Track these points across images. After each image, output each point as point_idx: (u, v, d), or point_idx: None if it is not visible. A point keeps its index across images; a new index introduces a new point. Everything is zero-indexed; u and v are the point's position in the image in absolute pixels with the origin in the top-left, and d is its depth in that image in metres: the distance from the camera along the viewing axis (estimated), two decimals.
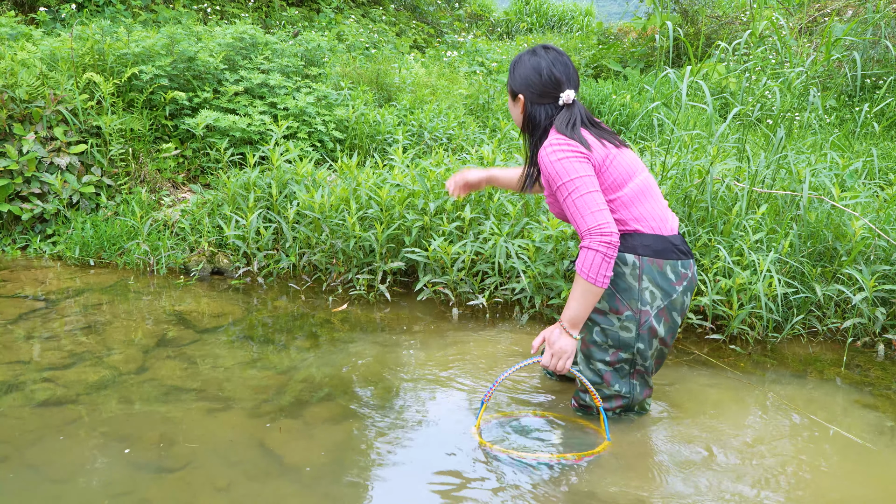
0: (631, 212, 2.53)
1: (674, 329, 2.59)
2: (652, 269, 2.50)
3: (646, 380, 2.65)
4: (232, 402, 2.86)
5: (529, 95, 2.61)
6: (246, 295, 4.17)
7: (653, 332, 2.54)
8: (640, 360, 2.59)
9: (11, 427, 2.64)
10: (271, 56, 6.18)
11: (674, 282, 2.53)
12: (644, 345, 2.55)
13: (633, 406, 2.69)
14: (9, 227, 4.94)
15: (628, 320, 2.52)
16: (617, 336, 2.55)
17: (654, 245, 2.51)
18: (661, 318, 2.54)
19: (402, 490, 2.34)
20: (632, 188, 2.54)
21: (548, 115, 2.61)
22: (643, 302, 2.51)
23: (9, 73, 5.08)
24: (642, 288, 2.51)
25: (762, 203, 3.90)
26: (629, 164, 2.59)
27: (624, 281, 2.51)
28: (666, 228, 2.57)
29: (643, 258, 2.50)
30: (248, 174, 4.62)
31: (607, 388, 2.63)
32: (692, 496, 2.31)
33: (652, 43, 9.40)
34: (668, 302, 2.53)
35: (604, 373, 2.62)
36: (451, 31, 12.13)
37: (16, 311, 3.79)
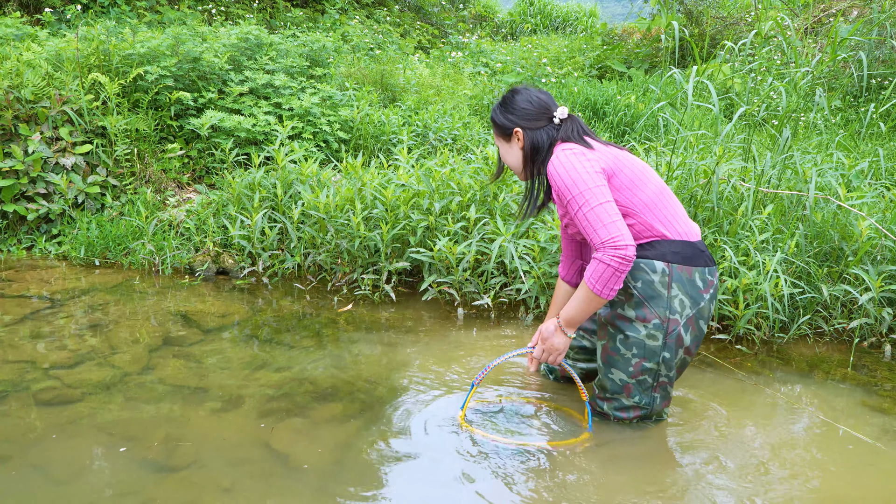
0: (655, 215, 2.48)
1: (699, 338, 2.54)
2: (682, 277, 2.44)
3: (667, 391, 2.59)
4: (237, 402, 2.86)
5: (527, 124, 2.59)
6: (251, 295, 4.17)
7: (679, 342, 2.48)
8: (665, 371, 2.52)
9: (16, 426, 2.64)
10: (276, 56, 6.18)
11: (702, 289, 2.48)
12: (670, 354, 2.49)
13: (650, 416, 2.64)
14: (14, 227, 4.95)
15: (656, 329, 2.46)
16: (643, 345, 2.48)
17: (683, 251, 2.46)
18: (689, 327, 2.48)
19: (406, 489, 2.34)
20: (652, 190, 2.50)
21: (550, 136, 2.59)
22: (672, 311, 2.45)
23: (14, 73, 5.09)
24: (672, 296, 2.44)
25: (768, 203, 3.89)
26: (640, 165, 2.58)
27: (653, 289, 2.44)
28: (692, 234, 2.53)
29: (673, 265, 2.44)
30: (253, 174, 4.63)
31: (627, 399, 2.58)
32: (695, 494, 2.30)
33: (656, 44, 9.38)
34: (696, 310, 2.47)
35: (625, 384, 2.56)
36: (455, 31, 12.13)
37: (21, 311, 3.80)
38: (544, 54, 9.80)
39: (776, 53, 6.96)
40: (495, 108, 2.67)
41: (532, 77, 8.50)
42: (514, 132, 2.62)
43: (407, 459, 2.49)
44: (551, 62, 9.40)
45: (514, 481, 2.36)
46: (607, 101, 7.15)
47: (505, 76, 8.50)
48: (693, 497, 2.30)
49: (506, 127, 2.63)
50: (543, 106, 2.60)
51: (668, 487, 2.36)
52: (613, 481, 2.38)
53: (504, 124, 2.63)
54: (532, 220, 3.93)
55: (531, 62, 9.24)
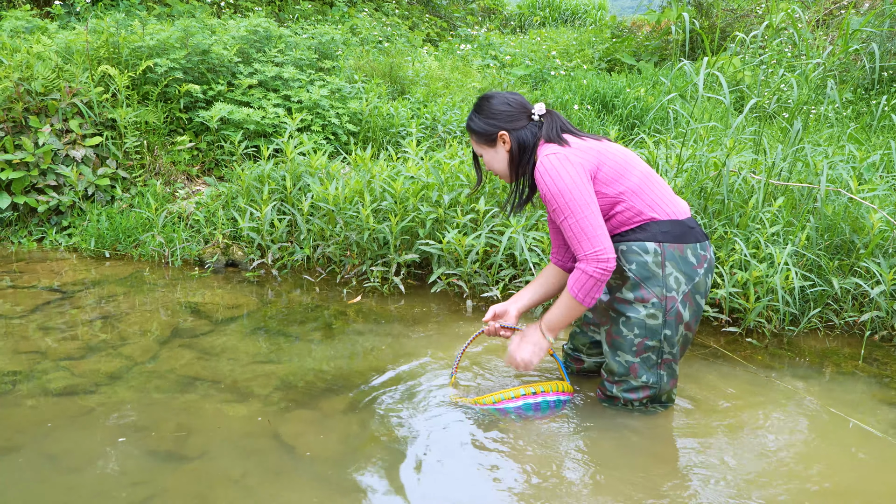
0: (643, 199, 2.52)
1: (698, 313, 2.59)
2: (674, 255, 2.50)
3: (673, 369, 2.64)
4: (246, 393, 2.86)
5: (510, 126, 2.60)
6: (260, 287, 4.18)
7: (679, 318, 2.54)
8: (668, 348, 2.58)
9: (27, 417, 2.66)
10: (285, 49, 6.18)
11: (695, 265, 2.53)
12: (671, 331, 2.54)
13: (659, 396, 2.68)
14: (25, 219, 4.97)
15: (655, 307, 2.52)
16: (643, 324, 2.54)
17: (672, 230, 2.52)
18: (686, 303, 2.54)
19: (414, 481, 2.34)
20: (637, 176, 2.55)
21: (534, 133, 2.60)
22: (668, 288, 2.51)
23: (25, 66, 5.10)
24: (666, 274, 2.50)
25: (779, 196, 3.87)
26: (622, 153, 2.60)
27: (647, 269, 2.50)
28: (680, 212, 2.57)
29: (664, 245, 2.50)
30: (263, 167, 4.63)
31: (634, 380, 2.63)
32: (702, 486, 2.29)
33: (666, 36, 9.35)
34: (691, 286, 2.53)
35: (630, 364, 2.61)
36: (464, 24, 12.10)
37: (32, 303, 3.81)
38: (553, 47, 9.77)
39: (787, 46, 6.92)
40: (472, 118, 2.66)
41: (541, 70, 8.47)
42: (498, 136, 2.62)
43: (415, 451, 2.49)
44: (560, 55, 9.36)
45: (526, 478, 2.36)
46: (617, 94, 7.12)
47: (514, 69, 8.48)
48: (700, 488, 2.29)
49: (489, 132, 2.62)
50: (521, 105, 2.62)
51: (674, 478, 2.36)
52: (619, 470, 2.37)
53: (487, 130, 2.62)
54: (541, 212, 3.92)
55: (540, 55, 9.21)
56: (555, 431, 2.62)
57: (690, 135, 4.35)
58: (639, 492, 2.27)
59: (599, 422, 2.68)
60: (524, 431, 2.62)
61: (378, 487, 2.28)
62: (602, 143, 2.61)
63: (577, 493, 2.26)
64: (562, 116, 2.64)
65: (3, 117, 4.94)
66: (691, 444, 2.57)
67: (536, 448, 2.51)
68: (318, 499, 2.21)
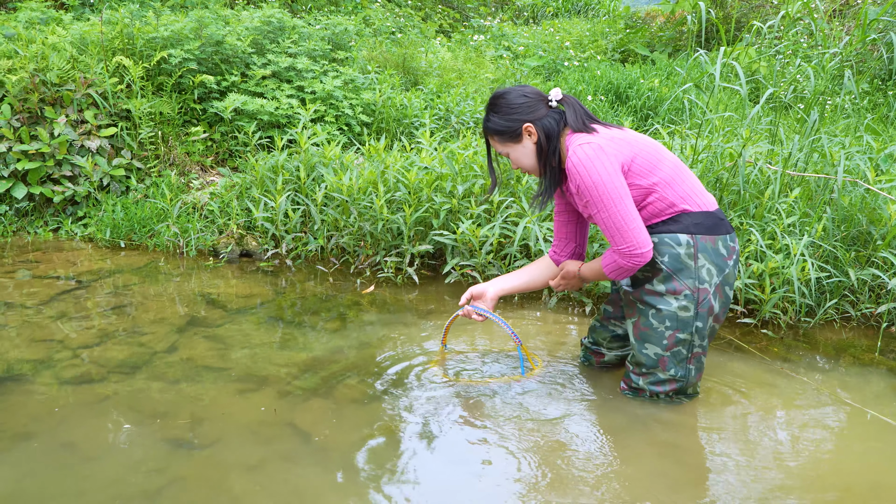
0: (675, 191, 2.50)
1: (727, 304, 2.59)
2: (706, 247, 2.49)
3: (702, 362, 2.63)
4: (261, 382, 2.88)
5: (532, 116, 2.55)
6: (274, 277, 4.19)
7: (710, 310, 2.53)
8: (698, 341, 2.56)
9: (44, 405, 2.68)
10: (298, 40, 6.18)
11: (725, 256, 2.53)
12: (702, 323, 2.53)
13: (686, 389, 2.67)
14: (41, 209, 5.00)
15: (687, 300, 2.50)
16: (675, 317, 2.52)
17: (704, 222, 2.50)
18: (717, 295, 2.53)
19: (428, 470, 2.34)
20: (669, 167, 2.52)
21: (556, 120, 2.55)
22: (701, 280, 2.49)
23: (40, 56, 5.12)
24: (699, 266, 2.49)
25: (795, 187, 3.85)
26: (652, 144, 2.57)
27: (680, 261, 2.49)
28: (710, 204, 2.56)
29: (697, 237, 2.48)
30: (277, 157, 4.64)
31: (662, 373, 2.62)
32: (718, 478, 2.29)
33: (680, 27, 9.28)
34: (722, 277, 2.52)
35: (660, 357, 2.59)
36: (476, 15, 12.06)
37: (49, 292, 3.84)
38: (566, 38, 9.72)
39: (803, 36, 6.86)
40: (490, 119, 2.60)
41: (554, 61, 8.44)
42: (523, 129, 2.57)
43: (428, 440, 2.50)
44: (573, 46, 9.32)
45: (545, 468, 2.36)
46: (630, 85, 7.09)
47: (527, 60, 8.45)
48: (716, 481, 2.29)
49: (512, 128, 2.57)
50: (536, 94, 2.58)
51: (689, 470, 2.35)
52: (634, 461, 2.37)
53: (510, 126, 2.57)
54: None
55: (553, 46, 9.17)
56: (577, 422, 2.62)
57: (706, 125, 4.32)
58: (657, 481, 2.26)
59: (619, 412, 2.67)
60: (543, 422, 2.62)
61: (392, 475, 2.29)
62: (630, 134, 2.57)
63: (598, 485, 2.26)
64: (579, 101, 2.60)
65: (20, 108, 4.97)
66: (703, 434, 2.56)
67: (555, 438, 2.51)
68: (333, 486, 2.22)
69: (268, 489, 2.20)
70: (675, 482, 2.27)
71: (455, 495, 2.20)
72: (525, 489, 2.22)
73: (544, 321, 3.59)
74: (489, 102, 2.62)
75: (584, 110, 2.58)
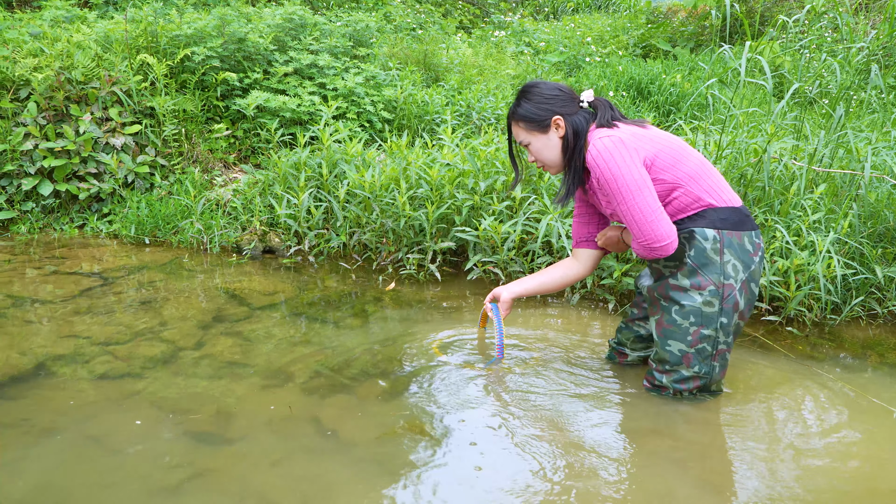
0: (701, 185, 2.49)
1: (752, 301, 2.56)
2: (732, 242, 2.47)
3: (726, 359, 2.60)
4: (285, 378, 2.89)
5: (564, 110, 2.56)
6: (297, 273, 4.21)
7: (735, 306, 2.51)
8: (723, 337, 2.54)
9: (72, 399, 2.71)
10: (320, 37, 6.20)
11: (751, 252, 2.51)
12: (727, 319, 2.51)
13: (709, 386, 2.65)
14: (67, 206, 5.06)
15: (712, 295, 2.49)
16: (700, 312, 2.51)
17: (731, 217, 2.48)
18: (743, 292, 2.51)
19: (452, 464, 2.34)
20: (694, 162, 2.51)
21: (586, 119, 2.56)
22: (726, 276, 2.48)
23: (65, 55, 5.18)
24: (724, 262, 2.48)
25: (820, 183, 3.81)
26: (676, 140, 2.57)
27: (705, 256, 2.48)
28: (736, 200, 2.54)
29: (723, 232, 2.47)
30: (299, 154, 4.66)
31: (686, 370, 2.60)
32: (740, 476, 2.27)
33: (703, 22, 9.21)
34: (748, 273, 2.50)
35: (684, 353, 2.58)
36: (496, 11, 12.04)
37: (75, 288, 3.88)
38: (588, 33, 9.68)
39: (827, 30, 6.79)
40: (520, 104, 2.60)
41: (575, 56, 8.40)
42: (552, 121, 2.56)
43: (451, 435, 2.50)
44: (595, 41, 9.28)
45: (568, 465, 2.36)
46: (652, 81, 7.05)
47: (548, 55, 8.42)
48: (739, 480, 2.27)
49: (542, 118, 2.57)
50: (569, 91, 2.59)
51: (713, 468, 2.34)
52: (656, 458, 2.36)
53: (540, 115, 2.57)
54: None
55: (574, 41, 9.14)
56: (604, 418, 2.61)
57: (730, 121, 4.29)
58: (680, 479, 2.25)
59: (642, 408, 2.66)
60: (566, 418, 2.61)
61: (415, 470, 2.29)
62: (651, 130, 2.57)
63: (621, 483, 2.25)
64: (612, 104, 2.59)
65: (46, 106, 5.02)
66: (726, 433, 2.54)
67: (579, 434, 2.50)
68: (358, 481, 2.23)
69: (292, 483, 2.21)
70: (698, 480, 2.26)
71: (477, 490, 2.20)
72: (545, 486, 2.22)
73: (566, 318, 3.59)
74: (521, 90, 2.61)
75: (613, 112, 2.58)
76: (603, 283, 3.75)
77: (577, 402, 2.72)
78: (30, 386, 2.80)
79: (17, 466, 2.28)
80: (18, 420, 2.55)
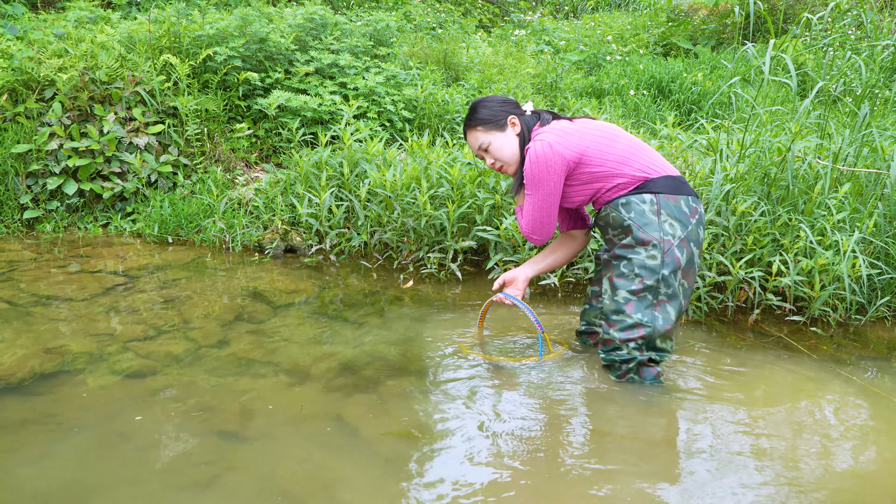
0: (633, 165, 2.76)
1: (692, 261, 2.76)
2: (668, 204, 2.72)
3: (668, 312, 2.75)
4: (307, 377, 2.91)
5: (517, 111, 2.90)
6: (319, 272, 4.23)
7: (677, 262, 2.71)
8: (664, 288, 2.72)
9: (98, 396, 2.74)
10: (340, 36, 6.22)
11: (688, 214, 2.74)
12: (668, 271, 2.71)
13: (654, 338, 2.76)
14: (91, 205, 5.11)
15: (654, 248, 2.70)
16: (644, 264, 2.72)
17: (667, 184, 2.75)
18: (683, 249, 2.72)
19: (473, 462, 2.35)
20: (622, 146, 2.78)
21: (532, 122, 2.89)
22: (665, 232, 2.70)
23: (90, 55, 5.23)
24: (662, 221, 2.71)
25: (845, 182, 3.77)
26: (605, 128, 2.84)
27: (645, 216, 2.71)
28: (671, 170, 2.80)
29: (659, 195, 2.73)
30: (320, 153, 4.68)
31: (629, 318, 2.75)
32: (764, 475, 2.26)
33: (725, 20, 9.15)
34: (686, 233, 2.73)
35: (626, 302, 2.75)
36: (516, 10, 12.02)
37: (99, 286, 3.92)
38: (608, 32, 9.65)
39: (851, 28, 6.72)
40: (477, 112, 2.89)
41: (596, 55, 8.38)
42: (508, 120, 2.87)
43: (471, 433, 2.50)
44: (615, 40, 9.24)
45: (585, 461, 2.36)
46: (673, 79, 7.02)
47: (568, 54, 8.40)
48: (764, 478, 2.26)
49: (499, 118, 2.87)
50: (514, 101, 2.93)
51: (730, 469, 2.32)
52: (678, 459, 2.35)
53: (497, 115, 2.87)
54: None
55: (594, 40, 9.11)
56: (624, 417, 2.61)
57: (753, 119, 4.26)
58: (688, 480, 2.24)
59: (666, 408, 2.66)
60: (587, 414, 2.61)
61: (437, 469, 2.30)
62: (581, 123, 2.84)
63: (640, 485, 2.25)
64: (549, 110, 2.93)
65: (70, 106, 5.08)
66: (747, 432, 2.53)
67: (596, 428, 2.50)
68: (381, 479, 2.24)
69: (315, 481, 2.22)
70: (706, 482, 2.24)
71: (498, 488, 2.20)
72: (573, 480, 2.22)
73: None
74: (472, 105, 2.93)
75: (550, 115, 2.91)
76: None
77: (601, 401, 2.72)
78: (56, 383, 2.83)
79: (45, 463, 2.31)
80: (45, 416, 2.58)
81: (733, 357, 3.14)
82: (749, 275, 3.45)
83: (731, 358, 3.13)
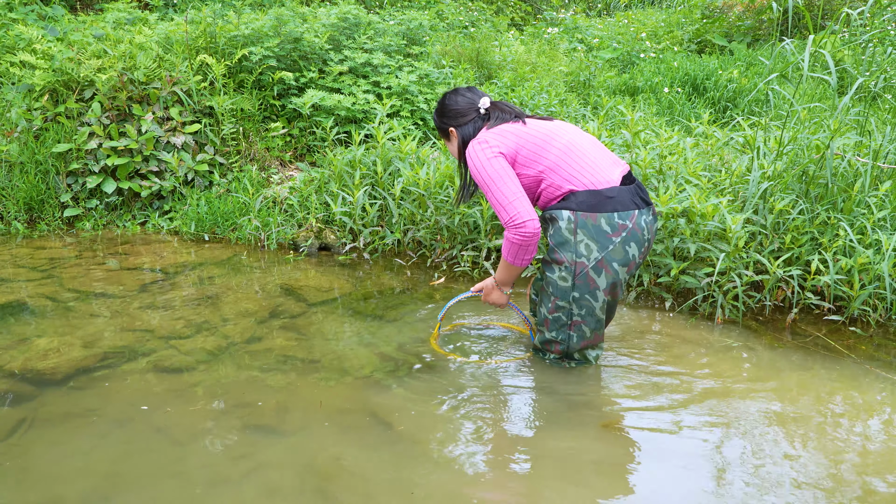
0: (561, 175, 2.71)
1: (616, 280, 2.72)
2: (586, 223, 2.66)
3: (582, 331, 2.80)
4: (342, 372, 2.93)
5: (456, 123, 2.91)
6: (352, 270, 4.25)
7: (592, 283, 2.70)
8: (577, 310, 2.75)
9: (138, 391, 2.78)
10: (374, 35, 6.24)
11: (609, 234, 2.66)
12: (579, 294, 2.72)
13: (570, 353, 2.88)
14: (129, 203, 5.19)
15: (565, 271, 2.71)
16: (556, 284, 2.75)
17: (588, 200, 2.67)
18: (602, 270, 2.68)
19: (504, 457, 2.35)
20: (555, 153, 2.73)
21: (477, 127, 2.89)
22: (578, 254, 2.68)
23: (128, 56, 5.31)
24: (577, 241, 2.67)
25: (885, 180, 3.71)
26: (543, 131, 2.79)
27: (561, 235, 2.70)
28: (600, 182, 2.70)
29: (578, 213, 2.67)
30: (354, 152, 4.70)
31: (547, 333, 2.87)
32: (790, 472, 2.23)
33: (760, 16, 9.04)
34: (605, 253, 2.67)
35: (543, 319, 2.86)
36: (548, 7, 11.98)
37: (137, 283, 3.98)
38: (641, 29, 9.58)
39: (891, 24, 6.60)
40: (434, 115, 3.01)
41: (629, 52, 8.32)
42: (450, 131, 2.95)
43: (503, 430, 2.51)
44: (649, 37, 9.17)
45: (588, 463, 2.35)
46: (708, 77, 6.94)
47: (601, 52, 8.36)
48: (796, 485, 2.23)
49: (443, 129, 2.98)
50: (468, 102, 2.91)
51: (762, 471, 2.30)
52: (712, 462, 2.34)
53: (442, 127, 2.98)
54: None
55: (628, 37, 9.05)
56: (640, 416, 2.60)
57: (792, 116, 4.20)
58: (717, 483, 2.23)
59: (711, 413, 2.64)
60: (615, 412, 2.60)
61: (471, 462, 2.30)
62: (520, 125, 2.81)
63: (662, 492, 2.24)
64: (508, 105, 2.91)
65: (109, 106, 5.16)
66: (788, 435, 2.50)
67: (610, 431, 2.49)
68: (416, 474, 2.25)
69: (350, 478, 2.24)
70: (733, 484, 2.23)
71: (526, 486, 2.20)
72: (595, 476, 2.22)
73: (619, 316, 3.56)
74: (438, 101, 3.01)
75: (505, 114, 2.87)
76: (660, 282, 3.71)
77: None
78: (96, 378, 2.88)
79: (87, 456, 2.36)
80: (86, 411, 2.63)
81: (770, 355, 3.11)
82: (787, 273, 3.41)
83: (769, 356, 3.10)
